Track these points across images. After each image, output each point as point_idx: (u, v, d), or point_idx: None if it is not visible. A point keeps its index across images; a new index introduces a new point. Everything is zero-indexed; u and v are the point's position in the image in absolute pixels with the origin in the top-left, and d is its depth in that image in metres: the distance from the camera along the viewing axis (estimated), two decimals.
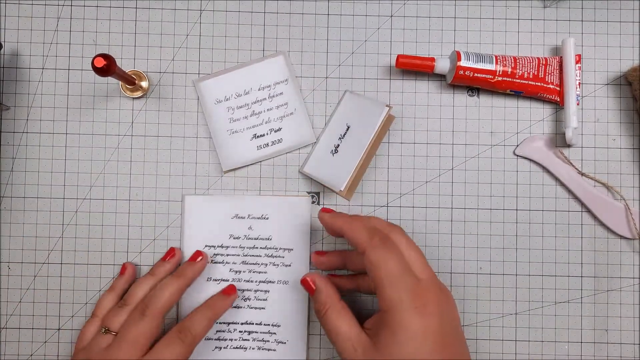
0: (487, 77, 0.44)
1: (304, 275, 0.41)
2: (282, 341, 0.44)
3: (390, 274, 0.35)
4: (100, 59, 0.37)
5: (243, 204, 0.45)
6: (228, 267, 0.45)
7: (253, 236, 0.45)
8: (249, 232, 0.45)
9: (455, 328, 0.36)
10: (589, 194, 0.46)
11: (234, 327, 0.45)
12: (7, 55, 0.46)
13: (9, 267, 0.46)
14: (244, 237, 0.45)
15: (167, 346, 0.40)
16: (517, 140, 0.47)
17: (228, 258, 0.45)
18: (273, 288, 0.45)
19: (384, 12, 0.47)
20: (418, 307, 0.34)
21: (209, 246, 0.45)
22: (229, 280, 0.45)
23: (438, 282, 0.37)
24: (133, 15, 0.47)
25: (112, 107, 0.47)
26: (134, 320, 0.41)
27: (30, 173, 0.46)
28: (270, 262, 0.45)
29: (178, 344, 0.40)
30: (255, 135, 0.46)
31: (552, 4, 0.47)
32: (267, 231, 0.45)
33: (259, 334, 0.45)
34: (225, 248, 0.45)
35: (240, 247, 0.45)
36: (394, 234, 0.38)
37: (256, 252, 0.45)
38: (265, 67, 0.47)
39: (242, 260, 0.45)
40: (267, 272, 0.45)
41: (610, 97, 0.47)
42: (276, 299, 0.45)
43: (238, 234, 0.45)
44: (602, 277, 0.46)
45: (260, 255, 0.45)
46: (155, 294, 0.42)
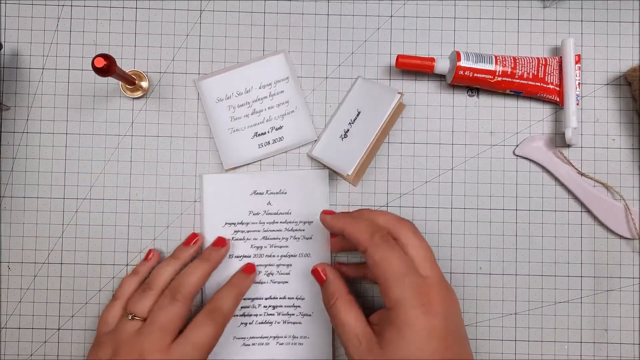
0: (486, 77, 0.44)
1: (314, 265, 0.42)
2: (307, 313, 0.45)
3: (393, 272, 0.35)
4: (100, 59, 0.37)
5: (261, 180, 0.45)
6: (249, 243, 0.45)
7: (272, 211, 0.45)
8: (268, 207, 0.45)
9: (459, 328, 0.36)
10: (588, 194, 0.46)
11: (258, 302, 0.45)
12: (7, 55, 0.46)
13: (9, 267, 0.46)
14: (263, 212, 0.45)
15: (199, 328, 0.40)
16: (516, 140, 0.47)
17: (249, 234, 0.45)
18: (295, 261, 0.45)
19: (384, 12, 0.47)
20: (424, 304, 0.34)
21: (229, 223, 0.45)
22: (251, 257, 0.45)
23: (444, 280, 0.37)
24: (133, 15, 0.47)
25: (112, 107, 0.47)
26: (164, 305, 0.40)
27: (30, 173, 0.46)
28: (291, 236, 0.45)
29: (210, 324, 0.40)
30: (256, 133, 0.46)
31: (552, 4, 0.47)
32: (286, 205, 0.45)
33: (284, 307, 0.45)
34: (246, 224, 0.45)
35: (260, 223, 0.45)
36: (403, 229, 0.38)
37: (276, 226, 0.45)
38: (266, 65, 0.47)
39: (263, 235, 0.45)
40: (288, 246, 0.45)
41: (610, 97, 0.47)
42: (299, 272, 0.45)
43: (257, 209, 0.45)
44: (602, 277, 0.46)
45: (281, 230, 0.45)
46: (184, 278, 0.41)
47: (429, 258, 0.37)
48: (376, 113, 0.43)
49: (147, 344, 0.39)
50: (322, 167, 0.45)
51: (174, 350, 0.39)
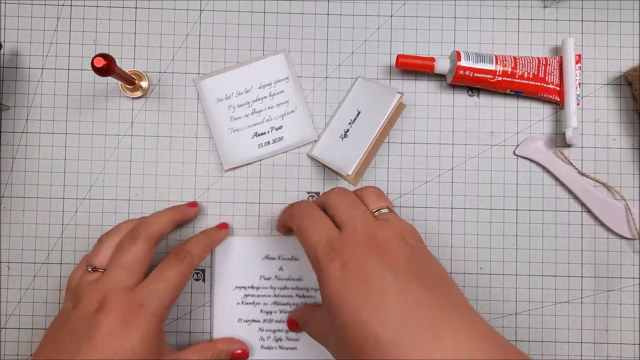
0: (487, 77, 0.44)
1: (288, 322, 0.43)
2: None
3: (310, 243, 0.34)
4: (100, 59, 0.37)
5: (273, 245, 0.44)
6: (259, 307, 0.44)
7: (284, 277, 0.44)
8: (279, 272, 0.44)
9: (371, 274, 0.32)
10: (589, 194, 0.46)
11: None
12: (7, 55, 0.46)
13: (8, 267, 0.46)
14: (274, 277, 0.44)
15: (165, 269, 0.38)
16: (517, 140, 0.47)
17: (259, 299, 0.44)
18: None
19: (384, 12, 0.47)
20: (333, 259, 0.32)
21: (239, 287, 0.44)
22: (260, 321, 0.44)
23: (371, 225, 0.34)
24: (133, 15, 0.47)
25: (112, 107, 0.47)
26: (125, 246, 0.38)
27: (30, 173, 0.46)
28: (302, 302, 0.44)
29: (176, 265, 0.39)
30: (256, 133, 0.46)
31: (552, 4, 0.47)
32: (298, 272, 0.44)
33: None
34: (256, 289, 0.44)
35: (271, 288, 0.44)
36: (327, 198, 0.37)
37: (287, 292, 0.44)
38: (266, 65, 0.46)
39: (274, 300, 0.44)
40: None
41: (610, 97, 0.47)
42: (308, 338, 0.44)
43: (269, 274, 0.44)
44: (602, 277, 0.46)
45: (292, 296, 0.44)
46: (148, 218, 0.41)
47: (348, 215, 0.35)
48: (376, 113, 0.43)
49: (110, 284, 0.37)
50: None
51: (138, 290, 0.37)
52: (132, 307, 0.36)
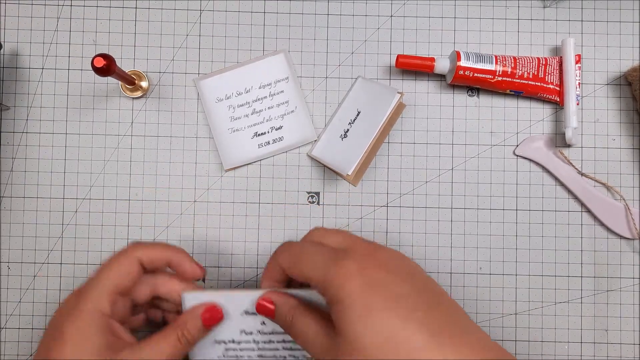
0: (487, 77, 0.44)
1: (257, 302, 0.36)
2: None
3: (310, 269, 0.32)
4: (100, 59, 0.37)
5: (251, 301, 0.38)
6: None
7: (267, 330, 0.39)
8: (262, 327, 0.39)
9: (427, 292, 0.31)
10: (589, 194, 0.46)
11: None
12: (7, 55, 0.46)
13: (8, 267, 0.46)
14: (257, 332, 0.39)
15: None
16: (517, 140, 0.47)
17: (242, 352, 0.40)
18: None
19: (384, 12, 0.47)
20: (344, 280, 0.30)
21: (219, 341, 0.39)
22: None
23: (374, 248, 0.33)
24: (133, 15, 0.47)
25: (112, 107, 0.47)
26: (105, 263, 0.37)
27: (30, 173, 0.46)
28: (289, 354, 0.40)
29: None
30: (256, 133, 0.46)
31: (552, 4, 0.47)
32: None
33: None
34: (238, 343, 0.39)
35: (254, 342, 0.40)
36: (313, 234, 0.35)
37: (273, 345, 0.40)
38: (266, 65, 0.46)
39: (258, 354, 0.40)
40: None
41: (610, 97, 0.47)
42: None
43: (250, 329, 0.39)
44: (602, 277, 0.46)
45: (278, 349, 0.40)
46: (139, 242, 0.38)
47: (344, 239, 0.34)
48: (376, 113, 0.43)
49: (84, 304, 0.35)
50: (315, 292, 0.37)
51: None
52: None
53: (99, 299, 0.35)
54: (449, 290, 0.46)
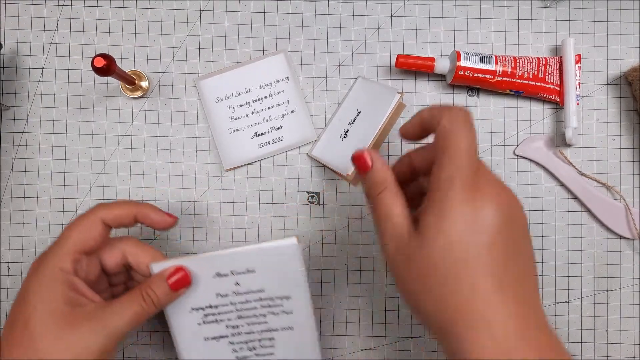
0: (487, 77, 0.44)
1: (357, 151, 0.34)
2: None
3: (456, 146, 0.30)
4: (100, 59, 0.37)
5: (222, 262, 0.39)
6: (223, 324, 0.40)
7: (242, 291, 0.40)
8: (236, 287, 0.39)
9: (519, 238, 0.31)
10: (589, 194, 0.46)
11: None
12: (7, 55, 0.46)
13: (8, 267, 0.46)
14: (232, 293, 0.39)
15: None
16: (517, 140, 0.47)
17: (221, 316, 0.40)
18: (278, 335, 0.41)
19: (384, 12, 0.47)
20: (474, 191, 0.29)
21: (196, 309, 0.40)
22: (228, 336, 0.40)
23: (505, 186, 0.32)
24: (133, 15, 0.47)
25: (112, 107, 0.47)
26: (70, 223, 0.37)
27: (30, 173, 0.46)
28: (268, 312, 0.40)
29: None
30: (256, 133, 0.46)
31: (552, 4, 0.47)
32: (257, 284, 0.40)
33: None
34: (215, 307, 0.40)
35: (231, 304, 0.40)
36: None
37: (250, 305, 0.40)
38: (266, 65, 0.46)
39: (237, 315, 0.40)
40: (267, 322, 0.41)
41: (610, 97, 0.47)
42: (283, 344, 0.41)
43: (225, 291, 0.39)
44: (602, 277, 0.46)
45: (256, 307, 0.40)
46: (103, 203, 0.38)
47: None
48: (376, 113, 0.43)
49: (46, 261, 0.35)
50: (290, 237, 0.39)
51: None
52: None
53: (60, 257, 0.35)
54: None
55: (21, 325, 0.34)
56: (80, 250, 0.36)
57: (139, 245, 0.39)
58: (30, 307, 0.34)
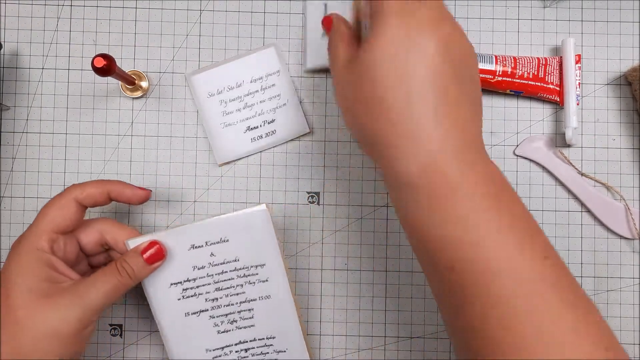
0: (486, 77, 0.44)
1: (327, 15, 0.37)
2: (281, 350, 0.43)
3: None
4: (100, 59, 0.37)
5: (196, 232, 0.40)
6: (202, 297, 0.42)
7: (218, 261, 0.41)
8: (212, 258, 0.41)
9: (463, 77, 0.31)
10: (589, 194, 0.46)
11: (229, 349, 0.43)
12: (7, 55, 0.46)
13: None
14: (208, 264, 0.41)
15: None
16: (517, 140, 0.47)
17: (199, 289, 0.41)
18: (256, 305, 0.42)
19: None
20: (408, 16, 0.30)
21: (174, 283, 0.41)
22: (208, 310, 0.42)
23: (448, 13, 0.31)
24: (133, 15, 0.47)
25: (112, 107, 0.47)
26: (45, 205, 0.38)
27: (30, 173, 0.46)
28: (245, 282, 0.42)
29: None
30: (249, 127, 0.46)
31: (552, 4, 0.47)
32: (232, 253, 0.41)
33: (256, 348, 0.43)
34: (193, 280, 0.41)
35: (208, 276, 0.41)
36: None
37: (227, 276, 0.42)
38: (257, 59, 0.46)
39: (215, 287, 0.42)
40: (245, 292, 0.42)
41: (610, 97, 0.47)
42: (263, 314, 0.43)
43: (201, 263, 0.41)
44: (602, 277, 0.46)
45: (233, 278, 0.42)
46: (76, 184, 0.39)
47: None
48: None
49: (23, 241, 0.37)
50: (260, 204, 0.41)
51: None
52: None
53: (36, 237, 0.36)
54: None
55: (2, 300, 0.35)
56: (56, 229, 0.37)
57: (116, 224, 0.40)
58: (10, 283, 0.35)
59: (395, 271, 0.46)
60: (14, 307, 0.34)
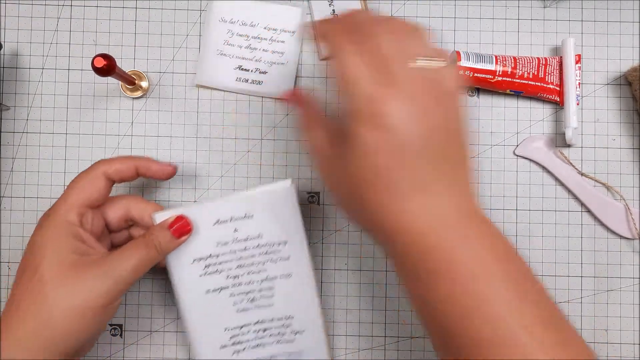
0: (487, 77, 0.44)
1: (287, 91, 0.39)
2: (299, 331, 0.43)
3: (348, 77, 0.30)
4: (100, 59, 0.37)
5: (222, 208, 0.41)
6: (224, 274, 0.42)
7: (241, 237, 0.42)
8: (235, 234, 0.41)
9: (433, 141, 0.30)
10: (589, 194, 0.46)
11: (247, 329, 0.43)
12: (7, 55, 0.46)
13: (9, 267, 0.46)
14: (232, 241, 0.41)
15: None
16: (517, 140, 0.47)
17: (221, 266, 0.42)
18: (277, 284, 0.43)
19: (384, 12, 0.47)
20: (374, 116, 0.29)
21: (197, 259, 0.41)
22: (229, 287, 0.42)
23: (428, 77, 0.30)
24: (133, 15, 0.47)
25: (112, 107, 0.47)
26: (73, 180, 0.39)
27: (30, 173, 0.46)
28: (267, 259, 0.42)
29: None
30: (240, 67, 0.46)
31: (552, 3, 0.47)
32: (255, 229, 0.42)
33: (274, 328, 0.43)
34: (216, 257, 0.42)
35: (231, 252, 0.42)
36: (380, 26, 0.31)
37: (249, 253, 0.42)
38: (281, 11, 0.46)
39: (237, 264, 0.42)
40: (266, 270, 0.42)
41: (610, 97, 0.47)
42: (282, 293, 0.43)
43: (225, 239, 0.41)
44: (602, 277, 0.46)
45: (255, 255, 0.42)
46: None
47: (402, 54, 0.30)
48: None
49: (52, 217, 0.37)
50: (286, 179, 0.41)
51: None
52: None
53: (65, 210, 0.37)
54: None
55: (30, 273, 0.35)
56: (85, 203, 0.37)
57: (142, 200, 0.41)
58: (38, 257, 0.35)
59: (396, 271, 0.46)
60: (44, 281, 0.34)
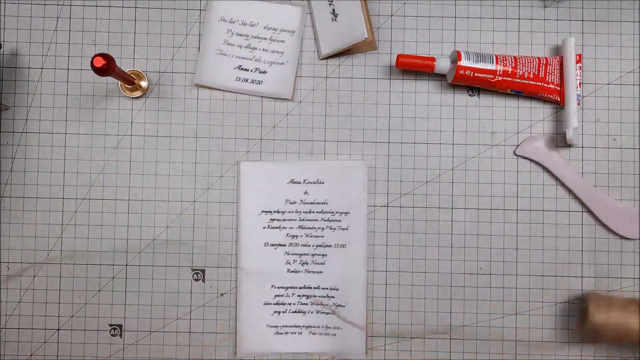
0: (487, 77, 0.44)
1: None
2: (340, 304, 0.45)
3: None
4: (100, 59, 0.37)
5: (298, 169, 0.45)
6: (285, 232, 0.45)
7: (309, 200, 0.45)
8: (305, 196, 0.45)
9: None
10: (589, 194, 0.46)
11: (292, 291, 0.45)
12: (7, 55, 0.46)
13: (8, 267, 0.46)
14: (300, 201, 0.45)
15: None
16: (517, 140, 0.47)
17: (284, 223, 0.45)
18: (330, 252, 0.45)
19: (384, 12, 0.47)
20: None
21: (265, 211, 0.45)
22: (286, 245, 0.45)
23: None
24: (133, 15, 0.47)
25: (112, 107, 0.47)
26: None
27: (30, 173, 0.46)
28: (327, 226, 0.45)
29: None
30: (240, 66, 0.46)
31: (553, 3, 0.47)
32: (323, 195, 0.45)
33: (318, 297, 0.45)
34: (282, 213, 0.45)
35: (296, 212, 0.45)
36: None
37: (312, 216, 0.45)
38: (281, 10, 0.47)
39: (299, 224, 0.45)
40: (324, 237, 0.45)
41: (611, 97, 0.47)
42: (334, 262, 0.45)
43: (294, 198, 0.45)
44: (602, 277, 0.46)
45: (317, 220, 0.45)
46: None
47: None
48: None
49: None
50: (361, 158, 0.45)
51: None
52: None
53: None
54: (449, 290, 0.46)
55: None
56: None
57: None
58: None
59: (396, 271, 0.46)
60: None
